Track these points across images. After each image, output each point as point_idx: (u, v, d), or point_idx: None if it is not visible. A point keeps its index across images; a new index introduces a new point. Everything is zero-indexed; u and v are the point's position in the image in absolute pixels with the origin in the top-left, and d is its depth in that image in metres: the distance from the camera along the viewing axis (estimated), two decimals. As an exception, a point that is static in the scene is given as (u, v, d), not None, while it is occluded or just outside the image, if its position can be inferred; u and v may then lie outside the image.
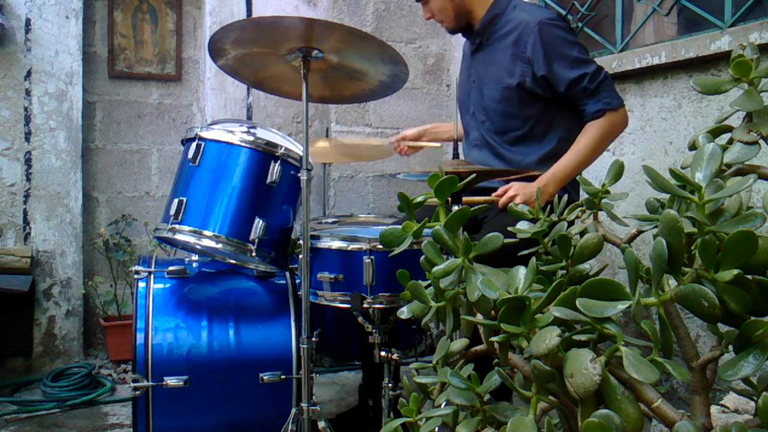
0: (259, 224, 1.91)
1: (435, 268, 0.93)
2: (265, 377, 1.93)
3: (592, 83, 1.92)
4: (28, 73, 3.07)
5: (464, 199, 1.84)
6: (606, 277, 0.72)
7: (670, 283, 0.75)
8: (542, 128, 2.04)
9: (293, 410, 1.84)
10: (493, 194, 1.90)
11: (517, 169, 2.02)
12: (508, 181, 2.04)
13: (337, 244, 1.88)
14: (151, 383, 1.87)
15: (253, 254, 1.90)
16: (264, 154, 1.95)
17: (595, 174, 2.50)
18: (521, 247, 1.08)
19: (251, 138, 1.95)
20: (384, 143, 2.46)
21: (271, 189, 1.96)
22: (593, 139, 1.93)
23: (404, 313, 1.04)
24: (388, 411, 1.88)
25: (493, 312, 0.87)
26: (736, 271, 0.66)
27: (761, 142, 0.84)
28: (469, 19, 2.12)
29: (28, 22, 3.06)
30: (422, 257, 0.99)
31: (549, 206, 1.13)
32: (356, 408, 2.46)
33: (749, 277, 0.67)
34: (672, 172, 0.77)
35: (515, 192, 1.86)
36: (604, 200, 1.06)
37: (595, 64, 1.96)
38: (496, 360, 0.85)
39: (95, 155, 3.38)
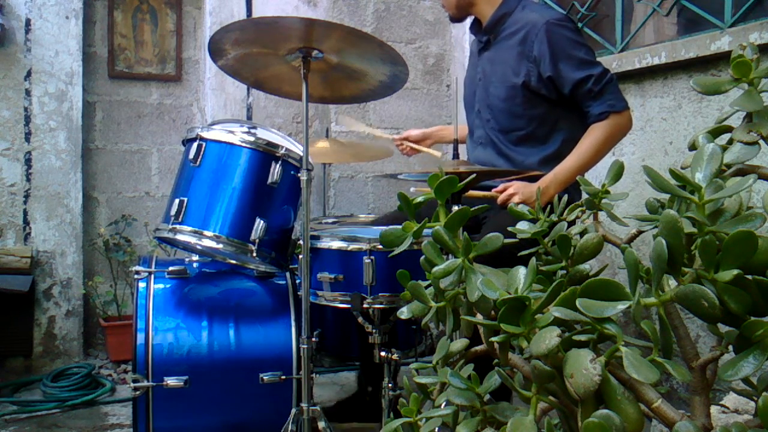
0: (259, 224, 1.91)
1: (435, 269, 0.93)
2: (265, 377, 1.93)
3: (596, 85, 1.93)
4: (28, 73, 3.07)
5: (467, 193, 1.85)
6: (606, 277, 0.72)
7: (670, 283, 0.75)
8: (546, 129, 2.04)
9: (293, 410, 1.84)
10: (494, 190, 1.90)
11: (519, 169, 2.03)
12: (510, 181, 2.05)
13: (337, 244, 1.88)
14: (151, 383, 1.87)
15: (254, 254, 1.90)
16: (265, 154, 1.95)
17: (595, 174, 2.49)
18: (521, 247, 1.08)
19: (252, 138, 1.95)
20: (390, 137, 2.47)
21: (272, 189, 1.96)
22: (596, 142, 1.94)
23: (404, 313, 1.04)
24: (388, 411, 1.88)
25: (493, 312, 0.87)
26: (736, 271, 0.66)
27: (761, 142, 0.84)
28: (471, 12, 2.15)
29: (28, 22, 3.06)
30: (422, 257, 0.99)
31: (549, 206, 1.13)
32: (355, 395, 2.47)
33: (749, 277, 0.67)
34: (672, 173, 0.77)
35: (515, 190, 1.87)
36: (604, 200, 1.06)
37: (601, 66, 1.96)
38: (496, 360, 0.85)
39: (95, 155, 3.38)
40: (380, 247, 1.82)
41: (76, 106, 3.15)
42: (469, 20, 2.25)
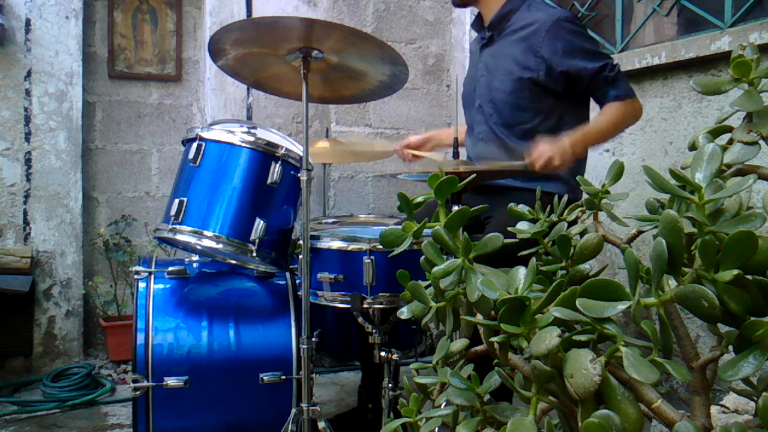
0: (259, 224, 1.91)
1: (435, 269, 0.93)
2: (265, 377, 1.93)
3: (611, 72, 1.98)
4: (28, 74, 3.07)
5: (492, 165, 1.83)
6: (606, 278, 0.72)
7: (670, 283, 0.75)
8: (551, 123, 2.05)
9: (293, 410, 1.84)
10: (528, 159, 1.87)
11: (519, 168, 2.02)
12: (512, 179, 2.04)
13: (337, 245, 1.88)
14: (151, 383, 1.87)
15: (254, 254, 1.90)
16: (264, 154, 1.95)
17: (595, 174, 2.50)
18: (521, 247, 1.08)
19: (252, 138, 1.95)
20: (389, 147, 2.46)
21: (272, 189, 1.96)
22: (616, 116, 1.98)
23: (404, 313, 1.03)
24: (388, 411, 1.88)
25: (493, 312, 0.87)
26: (736, 272, 0.66)
27: (761, 142, 0.84)
28: (476, 3, 2.17)
29: (28, 22, 3.06)
30: (422, 257, 0.99)
31: (549, 206, 1.13)
32: (355, 409, 2.46)
33: (749, 277, 0.67)
34: (672, 173, 0.77)
35: (551, 154, 1.84)
36: (604, 200, 1.06)
37: (609, 56, 2.04)
38: (496, 360, 0.85)
39: (95, 155, 3.38)
40: (380, 247, 1.82)
41: (76, 106, 3.15)
42: (470, 16, 2.26)
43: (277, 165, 1.95)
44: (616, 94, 1.98)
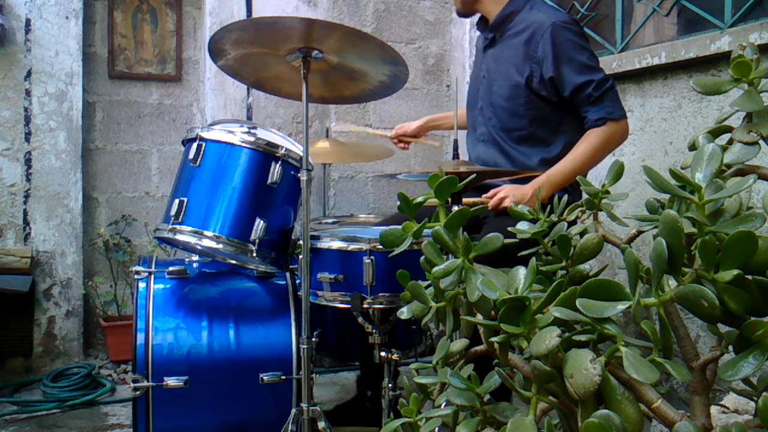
0: (259, 225, 1.91)
1: (435, 269, 0.93)
2: (265, 377, 1.93)
3: (596, 91, 1.93)
4: (28, 74, 3.07)
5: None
6: (606, 278, 0.72)
7: (670, 283, 0.75)
8: (547, 131, 2.04)
9: (293, 410, 1.84)
10: (484, 196, 1.90)
11: (519, 169, 2.02)
12: (511, 181, 2.05)
13: (337, 245, 1.88)
14: (151, 383, 1.87)
15: (254, 255, 1.90)
16: (264, 154, 1.95)
17: (596, 174, 2.49)
18: (521, 247, 1.08)
19: (252, 138, 1.95)
20: (386, 135, 2.48)
21: (272, 189, 1.96)
22: (591, 147, 1.94)
23: (404, 313, 1.03)
24: (388, 411, 1.88)
25: (493, 312, 0.87)
26: (736, 272, 0.66)
27: (761, 142, 0.84)
28: (477, 8, 2.16)
29: (28, 22, 3.06)
30: (422, 257, 0.99)
31: (549, 207, 1.13)
32: (354, 398, 2.46)
33: (749, 277, 0.67)
34: (672, 173, 0.77)
35: (505, 194, 1.88)
36: (604, 200, 1.06)
37: (602, 73, 1.96)
38: (496, 360, 0.85)
39: (95, 155, 3.38)
40: (380, 247, 1.82)
41: (76, 106, 3.15)
42: (473, 17, 2.26)
43: (277, 165, 1.95)
44: (597, 116, 1.93)
